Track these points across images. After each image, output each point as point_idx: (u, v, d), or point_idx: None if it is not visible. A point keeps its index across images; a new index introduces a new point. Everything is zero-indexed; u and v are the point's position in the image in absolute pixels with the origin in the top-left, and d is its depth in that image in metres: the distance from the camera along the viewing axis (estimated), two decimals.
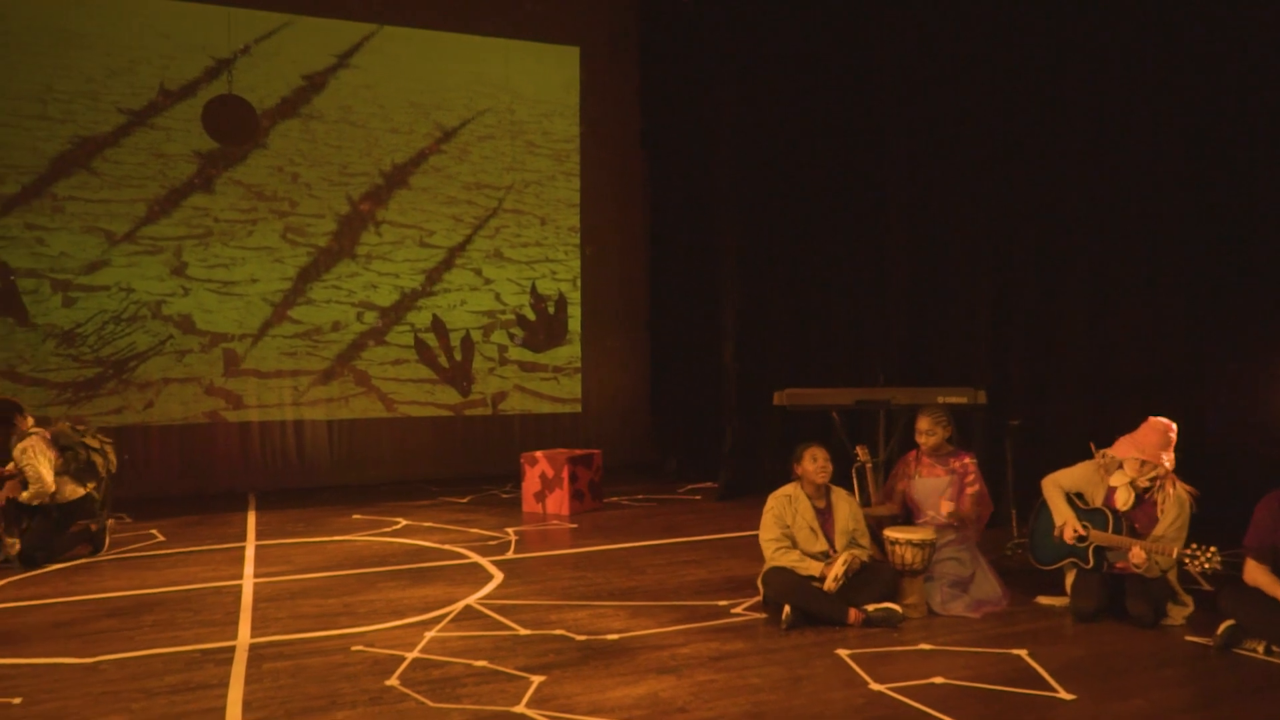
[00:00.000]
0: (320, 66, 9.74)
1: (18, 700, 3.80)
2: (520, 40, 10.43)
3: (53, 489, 6.15)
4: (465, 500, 8.65)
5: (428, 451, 10.07)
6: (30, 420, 6.37)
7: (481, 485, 9.45)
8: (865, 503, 5.48)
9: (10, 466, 6.22)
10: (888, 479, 5.57)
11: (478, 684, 3.91)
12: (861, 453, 5.62)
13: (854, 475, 5.73)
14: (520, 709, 3.65)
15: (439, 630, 4.66)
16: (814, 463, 4.94)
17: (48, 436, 6.30)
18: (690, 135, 9.91)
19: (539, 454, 8.08)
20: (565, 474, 7.86)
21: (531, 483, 8.06)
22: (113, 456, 6.65)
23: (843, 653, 4.26)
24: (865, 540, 4.96)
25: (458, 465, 10.09)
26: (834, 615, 4.63)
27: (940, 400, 5.84)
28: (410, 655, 4.28)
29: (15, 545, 6.12)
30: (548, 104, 10.61)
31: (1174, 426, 4.79)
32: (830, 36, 8.50)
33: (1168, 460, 4.72)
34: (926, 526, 5.10)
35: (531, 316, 10.55)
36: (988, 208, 7.32)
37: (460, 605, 5.11)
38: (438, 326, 10.16)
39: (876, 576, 4.77)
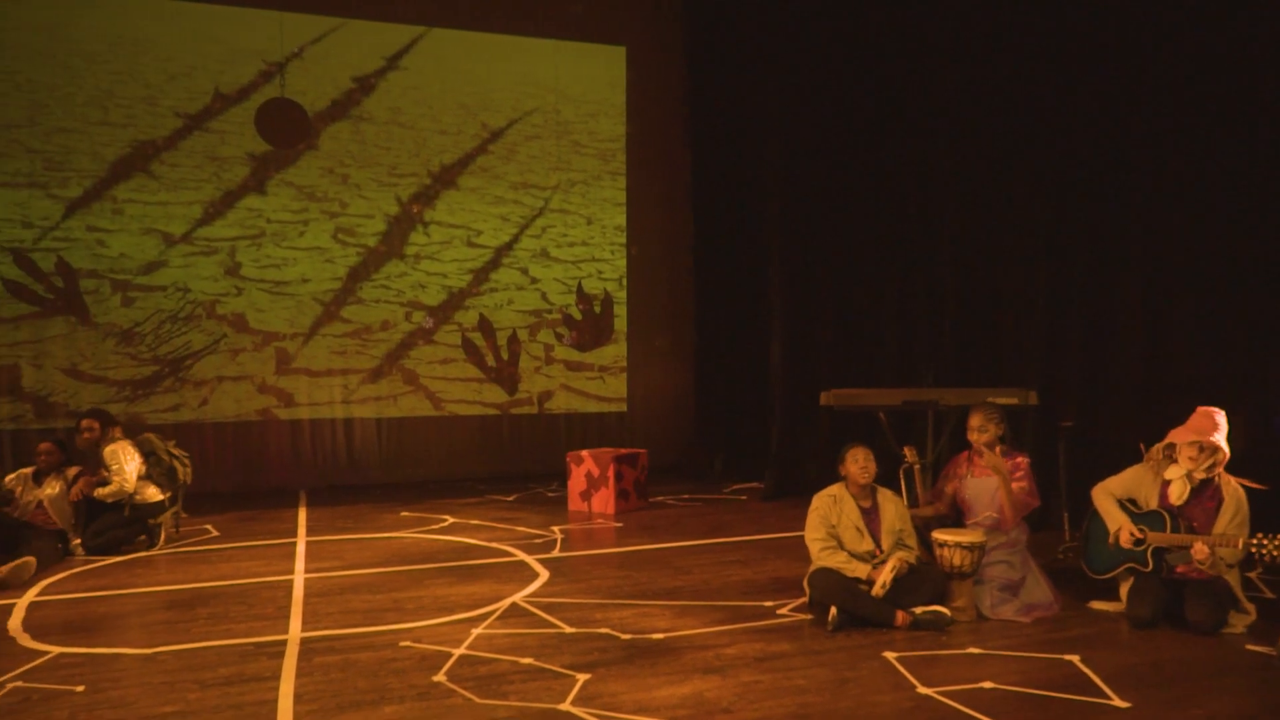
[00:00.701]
0: (370, 69, 9.87)
1: (80, 688, 3.91)
2: (567, 41, 10.48)
3: (133, 489, 6.53)
4: (511, 498, 8.71)
5: (475, 450, 10.16)
6: (119, 430, 6.80)
7: (528, 484, 9.52)
8: (913, 504, 5.42)
9: (72, 470, 6.60)
10: (937, 480, 5.50)
11: (524, 681, 3.94)
12: (909, 454, 5.56)
13: (901, 476, 5.67)
14: (565, 706, 3.66)
15: (485, 627, 4.70)
16: (855, 464, 4.91)
17: (134, 443, 6.73)
18: (736, 134, 9.88)
19: (585, 453, 8.11)
20: (611, 473, 7.88)
21: (577, 481, 8.09)
22: (190, 468, 7.06)
23: (890, 655, 4.22)
24: (912, 541, 4.90)
25: (504, 463, 10.17)
26: (881, 617, 4.59)
27: (990, 400, 5.75)
28: (457, 652, 4.32)
29: (79, 545, 6.48)
30: (594, 104, 10.65)
31: (1221, 413, 4.69)
32: (878, 34, 8.41)
33: (1223, 444, 4.61)
34: (976, 529, 5.02)
35: (578, 316, 10.60)
36: (1041, 204, 7.19)
37: (507, 603, 5.15)
38: (485, 326, 10.25)
39: (925, 579, 4.72)
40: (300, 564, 6.18)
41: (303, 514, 8.03)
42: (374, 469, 9.81)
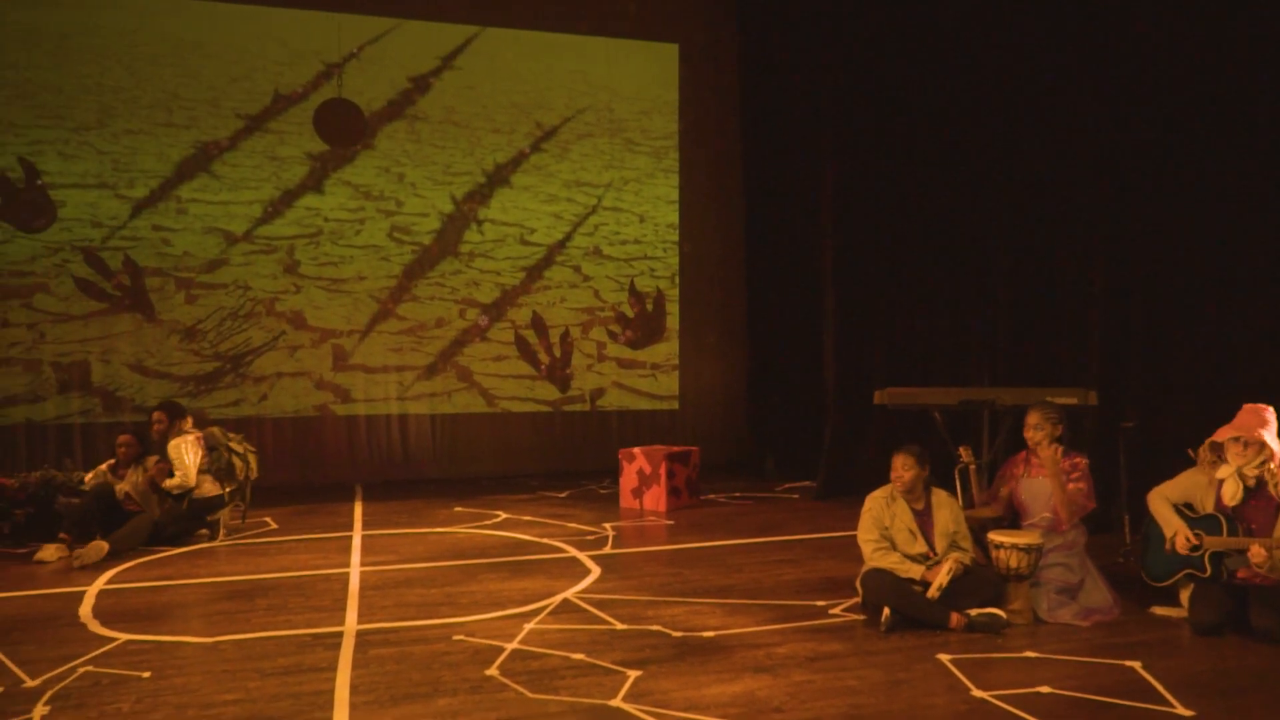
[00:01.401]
0: (425, 69, 9.99)
1: (147, 674, 4.02)
2: (619, 39, 10.50)
3: (193, 484, 6.72)
4: (564, 495, 8.76)
5: (527, 446, 10.24)
6: (190, 422, 6.94)
7: (580, 480, 9.57)
8: (968, 505, 5.34)
9: (151, 460, 6.82)
10: (993, 481, 5.41)
11: (575, 676, 3.96)
12: (964, 454, 5.48)
13: (956, 476, 5.60)
14: (617, 703, 3.68)
15: (537, 622, 4.74)
16: (893, 469, 4.88)
17: (200, 437, 6.87)
18: (789, 130, 9.81)
19: (637, 450, 8.12)
20: (663, 470, 7.88)
21: (629, 479, 8.11)
22: (254, 464, 7.16)
23: (944, 657, 4.17)
24: (967, 543, 4.83)
25: (556, 460, 10.24)
26: (935, 619, 4.53)
27: (1048, 400, 5.64)
28: (510, 646, 4.36)
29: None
30: (646, 101, 10.66)
31: (1271, 409, 4.57)
32: (934, 31, 8.29)
33: (1272, 440, 4.48)
34: (1033, 530, 4.93)
35: (630, 313, 10.62)
36: (1101, 198, 7.03)
37: (558, 599, 5.18)
38: (538, 323, 10.32)
39: (980, 581, 4.65)
40: (356, 557, 6.29)
41: (359, 508, 8.16)
42: (428, 464, 9.93)
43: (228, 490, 6.91)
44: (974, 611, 4.53)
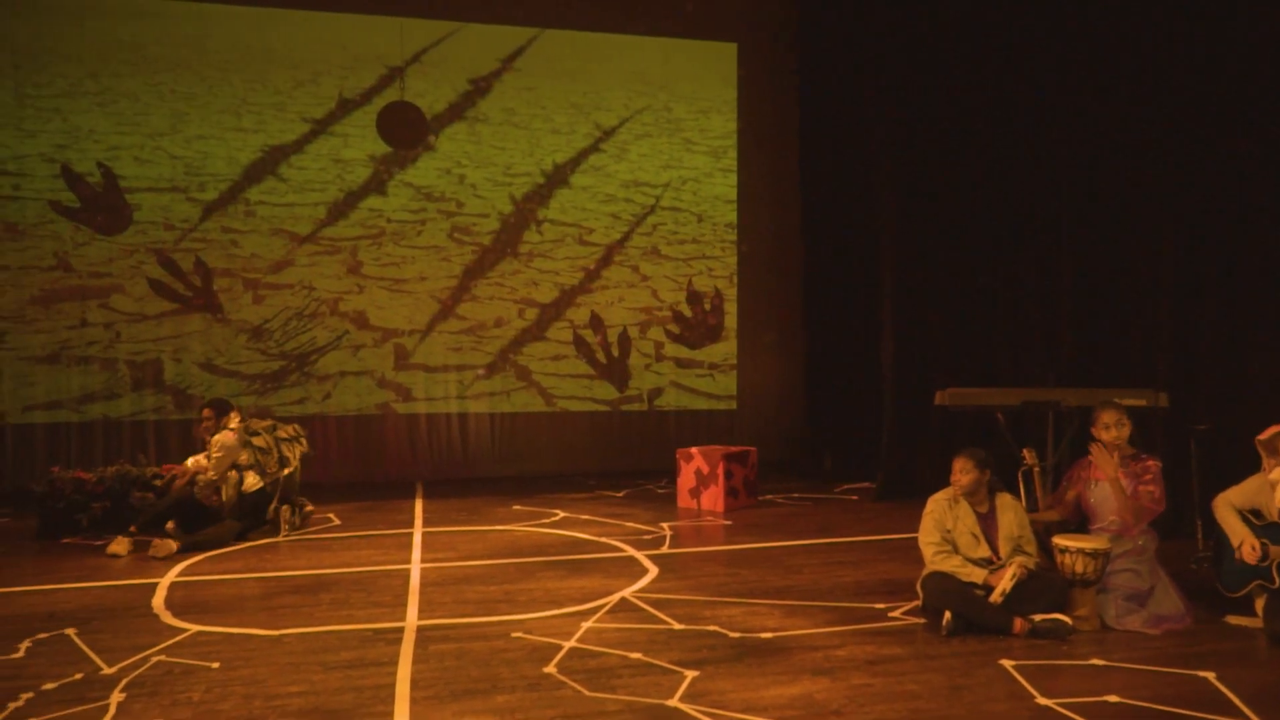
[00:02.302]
0: (485, 71, 10.10)
1: (216, 665, 4.14)
2: (678, 39, 10.50)
3: (215, 478, 6.81)
4: (621, 494, 8.79)
5: (585, 445, 10.29)
6: (236, 418, 7.02)
7: (637, 480, 9.58)
8: (1032, 508, 5.23)
9: (191, 462, 7.03)
10: (1059, 484, 5.29)
11: (632, 676, 3.97)
12: (1028, 456, 5.37)
13: (1020, 479, 5.49)
14: (674, 703, 3.68)
15: (595, 621, 4.76)
16: (953, 472, 4.80)
17: (238, 433, 6.95)
18: (848, 130, 9.70)
19: (695, 450, 8.11)
20: (720, 470, 7.86)
21: (687, 478, 8.10)
22: (289, 453, 7.22)
23: (1007, 663, 4.09)
24: (1031, 548, 4.74)
25: (614, 460, 10.27)
26: (998, 624, 4.45)
27: (1115, 401, 5.50)
28: (567, 644, 4.39)
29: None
30: (705, 101, 10.64)
31: None
32: (996, 30, 8.13)
33: None
34: (1101, 535, 4.81)
35: (688, 313, 10.60)
36: (1170, 191, 6.82)
37: (616, 598, 5.20)
38: (596, 323, 10.36)
39: (1045, 586, 4.55)
40: (417, 554, 6.38)
41: (419, 505, 8.28)
42: (488, 463, 10.04)
43: (267, 484, 6.99)
44: (1038, 617, 4.44)
